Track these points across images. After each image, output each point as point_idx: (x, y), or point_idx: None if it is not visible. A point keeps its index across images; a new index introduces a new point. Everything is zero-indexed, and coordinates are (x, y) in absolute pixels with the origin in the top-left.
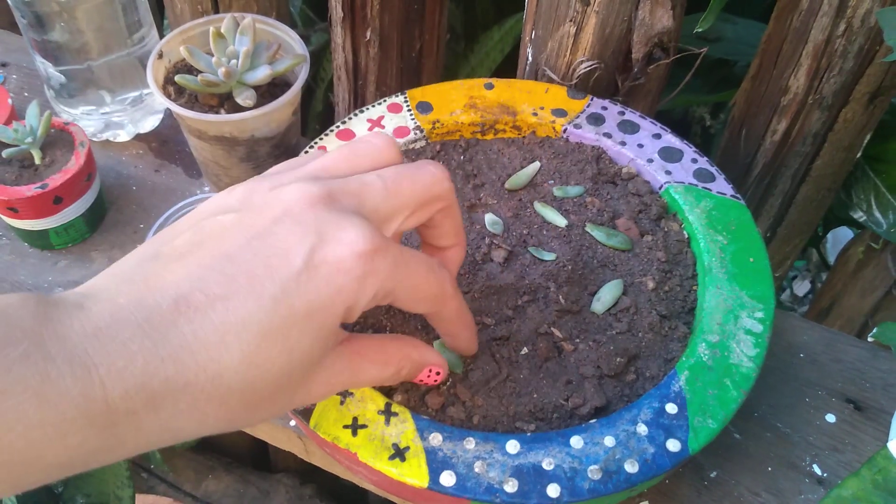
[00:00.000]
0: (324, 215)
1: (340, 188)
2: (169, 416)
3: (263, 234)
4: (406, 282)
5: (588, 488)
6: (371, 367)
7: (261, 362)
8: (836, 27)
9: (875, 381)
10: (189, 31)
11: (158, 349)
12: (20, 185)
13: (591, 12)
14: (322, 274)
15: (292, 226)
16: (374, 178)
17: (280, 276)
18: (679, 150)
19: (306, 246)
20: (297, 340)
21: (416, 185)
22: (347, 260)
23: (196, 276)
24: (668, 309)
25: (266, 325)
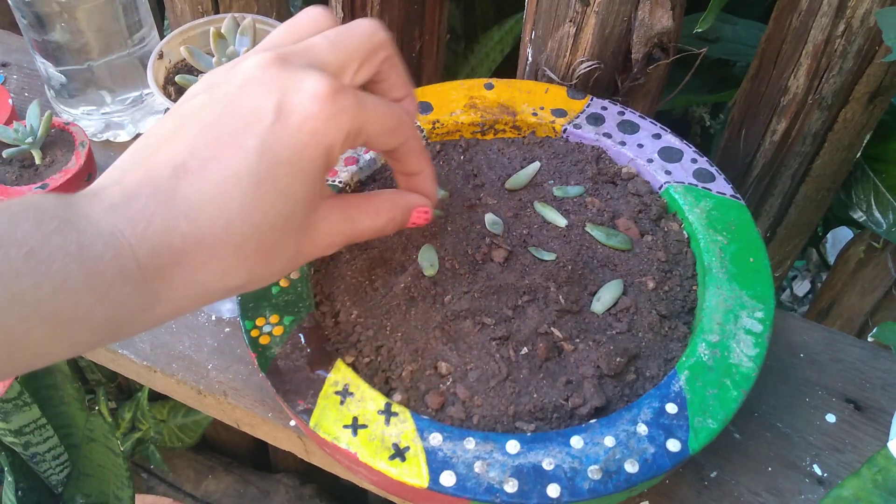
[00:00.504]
0: (281, 72)
1: (290, 51)
2: (193, 269)
3: (234, 100)
4: (372, 115)
5: (588, 488)
6: (365, 217)
7: (262, 206)
8: (836, 27)
9: (875, 380)
10: (189, 32)
11: (171, 210)
12: (20, 185)
13: (590, 12)
14: (293, 121)
15: (256, 87)
16: (318, 38)
17: (258, 130)
18: (679, 150)
19: (273, 100)
20: (288, 184)
21: (357, 38)
22: (313, 104)
23: (186, 146)
24: (668, 309)
25: (257, 173)
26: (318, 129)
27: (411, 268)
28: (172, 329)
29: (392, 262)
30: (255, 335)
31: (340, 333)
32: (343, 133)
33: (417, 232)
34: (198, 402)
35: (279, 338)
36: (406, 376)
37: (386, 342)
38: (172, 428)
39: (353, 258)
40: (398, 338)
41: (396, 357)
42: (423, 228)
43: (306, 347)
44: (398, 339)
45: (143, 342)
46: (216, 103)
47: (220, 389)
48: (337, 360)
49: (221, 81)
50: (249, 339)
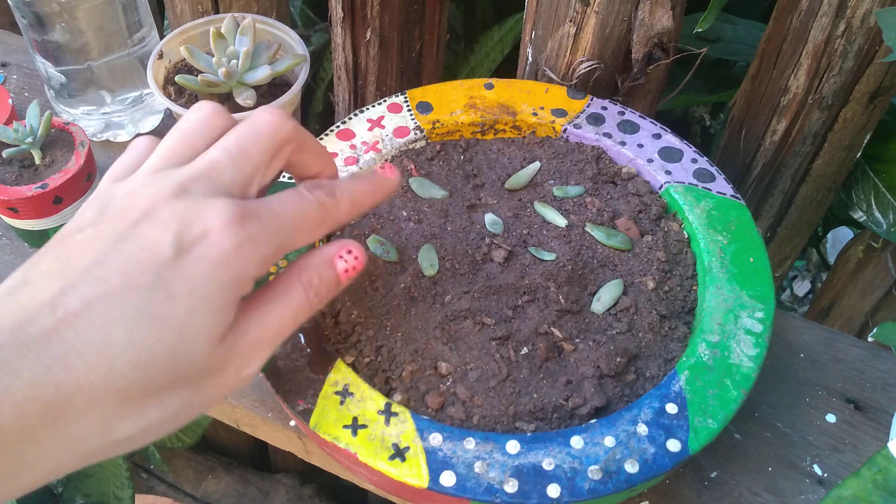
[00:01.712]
0: (181, 205)
1: (189, 175)
2: (68, 424)
3: (126, 237)
4: (289, 228)
5: (588, 488)
6: (275, 305)
7: (151, 344)
8: (836, 27)
9: (875, 380)
10: (189, 32)
11: (44, 359)
12: (20, 185)
13: (590, 12)
14: (195, 254)
15: (153, 222)
16: (218, 152)
17: (153, 266)
18: (679, 150)
19: (171, 234)
20: (185, 318)
21: (260, 143)
22: (216, 235)
23: (69, 285)
24: (668, 309)
25: (148, 310)
26: (223, 260)
27: (411, 268)
28: None
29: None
30: None
31: (340, 333)
32: (255, 259)
33: (417, 232)
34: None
35: None
36: (406, 376)
37: (386, 342)
38: None
39: None
40: (398, 338)
41: (396, 357)
42: (423, 229)
43: (306, 347)
44: (398, 339)
45: None
46: (106, 240)
47: None
48: (337, 360)
49: (114, 214)
50: None
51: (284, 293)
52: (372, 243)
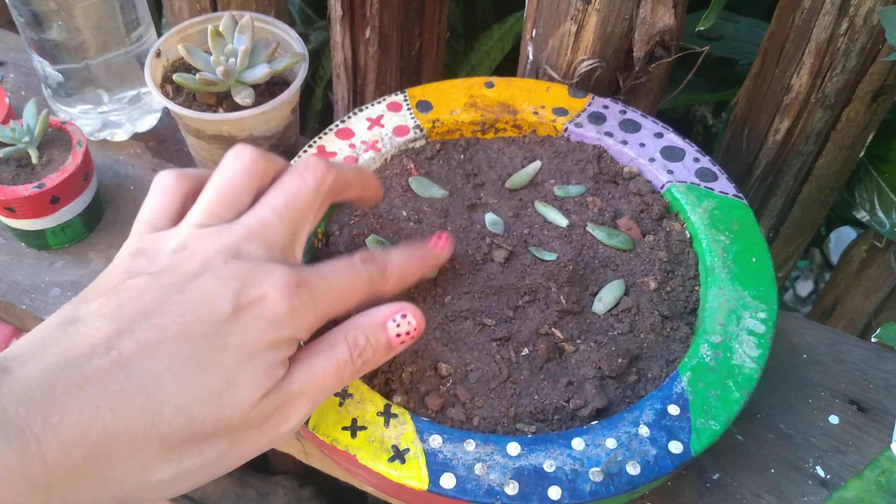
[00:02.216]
0: (240, 265)
1: (244, 236)
2: (111, 465)
3: (185, 289)
4: (338, 299)
5: (589, 490)
6: (318, 360)
7: (198, 392)
8: (839, 26)
9: (878, 382)
10: (187, 30)
11: (94, 399)
12: (17, 185)
13: (592, 10)
14: (252, 313)
15: (212, 278)
16: (267, 212)
17: (210, 320)
18: (681, 150)
19: (231, 292)
20: (233, 371)
21: (307, 200)
22: (273, 299)
23: (125, 329)
24: (670, 309)
25: (200, 360)
26: (276, 320)
27: None
28: None
29: None
30: None
31: None
32: (305, 324)
33: (417, 232)
34: None
35: None
36: (406, 378)
37: None
38: None
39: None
40: None
41: (396, 358)
42: (423, 229)
43: None
44: None
45: None
46: (163, 289)
47: None
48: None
49: (171, 265)
50: None
51: (329, 350)
52: (371, 243)
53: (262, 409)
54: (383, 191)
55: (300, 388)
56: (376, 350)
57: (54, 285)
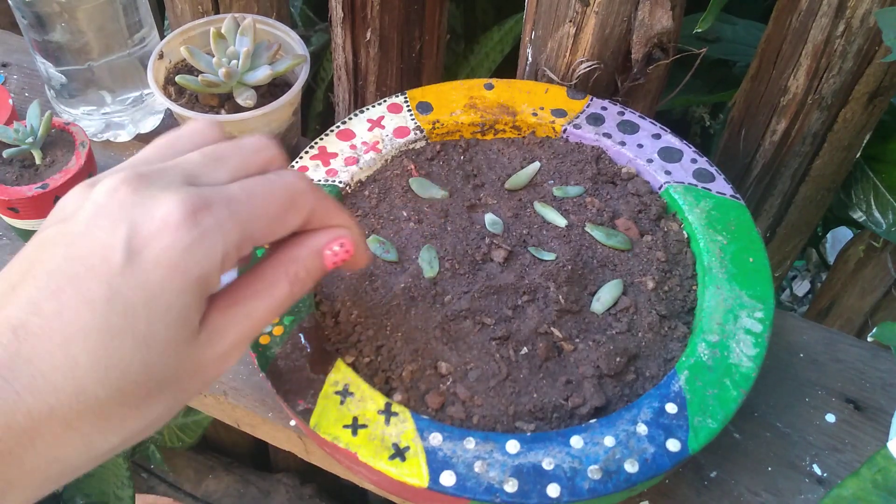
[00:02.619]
0: (132, 198)
1: (151, 169)
2: (48, 446)
3: (77, 239)
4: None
5: (588, 488)
6: (257, 302)
7: (117, 362)
8: (836, 27)
9: (875, 380)
10: (189, 32)
11: (12, 384)
12: (21, 185)
13: (590, 13)
14: (147, 258)
15: (103, 221)
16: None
17: (103, 274)
18: (678, 150)
19: (120, 237)
20: (147, 329)
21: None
22: (168, 234)
23: (27, 301)
24: (668, 309)
25: (107, 325)
26: (176, 263)
27: (411, 268)
28: None
29: (392, 262)
30: None
31: (340, 333)
32: (216, 256)
33: (417, 232)
34: (198, 401)
35: (279, 338)
36: (406, 376)
37: (386, 342)
38: (173, 428)
39: None
40: (398, 338)
41: (396, 357)
42: (423, 229)
43: (306, 347)
44: (398, 339)
45: None
46: (61, 242)
47: (220, 389)
48: (337, 359)
49: (73, 210)
50: None
51: (269, 289)
52: (372, 243)
53: (192, 359)
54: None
55: (238, 333)
56: (313, 277)
57: None
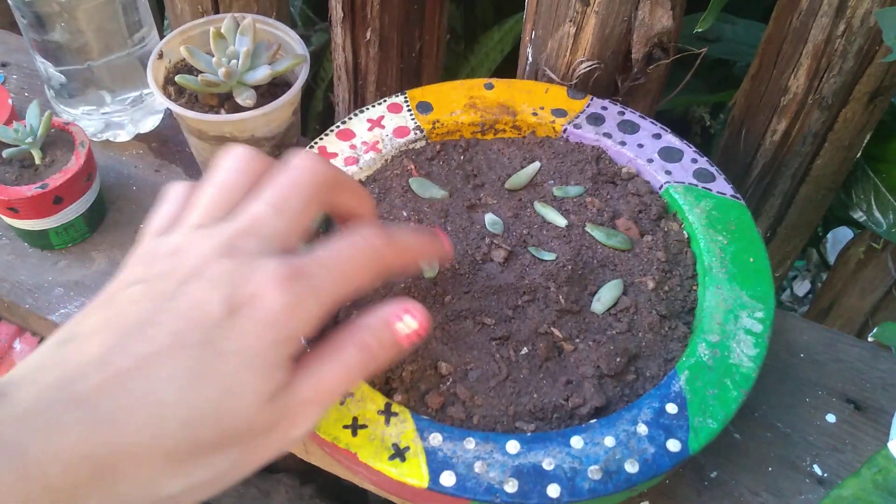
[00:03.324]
0: (230, 264)
1: (235, 231)
2: (115, 482)
3: (176, 296)
4: (343, 282)
5: (588, 488)
6: (327, 365)
7: (199, 405)
8: (836, 27)
9: (875, 380)
10: (189, 32)
11: (93, 416)
12: (20, 185)
13: (590, 12)
14: (244, 315)
15: (203, 282)
16: (260, 206)
17: (203, 326)
18: (679, 150)
19: (220, 295)
20: (233, 378)
21: (299, 191)
22: (266, 296)
23: (118, 343)
24: (668, 309)
25: (197, 370)
26: (272, 320)
27: None
28: None
29: None
30: None
31: None
32: (307, 318)
33: None
34: None
35: None
36: (406, 376)
37: None
38: None
39: None
40: None
41: None
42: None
43: (306, 348)
44: None
45: None
46: (155, 298)
47: None
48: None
49: (163, 272)
50: None
51: (338, 352)
52: None
53: (267, 416)
54: (377, 209)
55: (308, 395)
56: (384, 350)
57: (57, 285)
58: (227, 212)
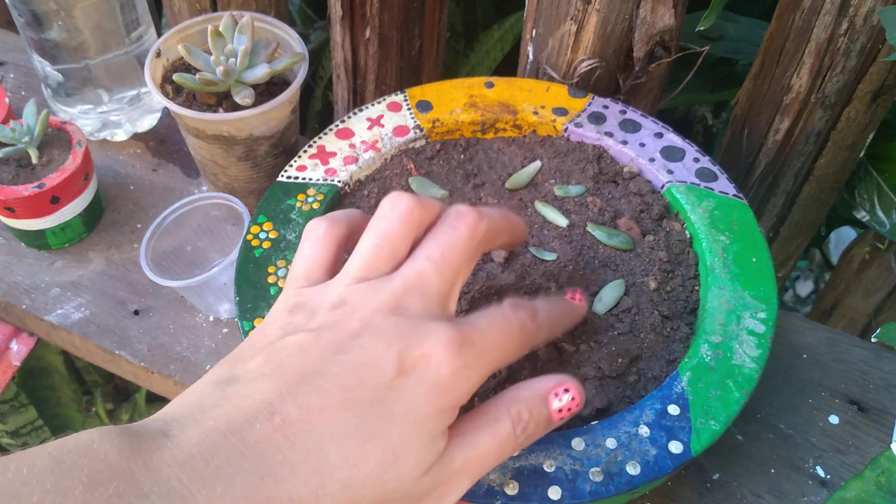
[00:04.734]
0: (401, 323)
1: (403, 290)
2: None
3: (346, 349)
4: (497, 355)
5: (589, 490)
6: (481, 435)
7: (363, 465)
8: (839, 26)
9: (878, 382)
10: (187, 30)
11: (258, 468)
12: (17, 185)
13: (592, 10)
14: (416, 376)
15: (374, 337)
16: (424, 263)
17: (374, 384)
18: (681, 150)
19: (394, 353)
20: (399, 441)
21: (462, 249)
22: (437, 360)
23: (287, 391)
24: (670, 309)
25: (364, 429)
26: (440, 384)
27: None
28: (170, 330)
29: None
30: None
31: None
32: (468, 388)
33: None
34: None
35: None
36: None
37: None
38: None
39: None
40: None
41: None
42: None
43: None
44: None
45: (141, 343)
46: (324, 348)
47: None
48: None
49: (331, 322)
50: None
51: (493, 424)
52: None
53: (423, 484)
54: (528, 231)
55: (461, 465)
56: (538, 425)
57: (54, 285)
58: (389, 264)
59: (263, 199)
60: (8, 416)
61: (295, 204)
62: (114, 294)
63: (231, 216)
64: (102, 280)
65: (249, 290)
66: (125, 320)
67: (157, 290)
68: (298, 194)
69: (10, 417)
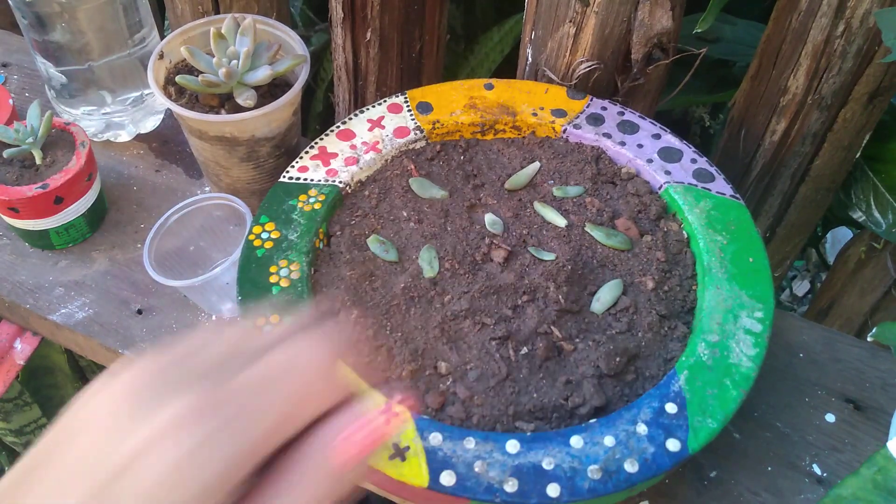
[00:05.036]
0: (138, 400)
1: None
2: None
3: (78, 439)
4: (272, 414)
5: (588, 488)
6: (289, 496)
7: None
8: (835, 28)
9: (874, 380)
10: (190, 32)
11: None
12: (21, 186)
13: (590, 13)
14: (135, 472)
15: (98, 427)
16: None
17: (89, 487)
18: (678, 151)
19: (113, 443)
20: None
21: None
22: (164, 439)
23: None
24: (668, 309)
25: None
26: (166, 479)
27: (411, 268)
28: (172, 328)
29: (392, 262)
30: None
31: None
32: (220, 466)
33: (417, 232)
34: None
35: None
36: (406, 376)
37: (386, 342)
38: None
39: (353, 258)
40: (398, 338)
41: (396, 357)
42: (423, 229)
43: None
44: (398, 339)
45: (143, 342)
46: (63, 442)
47: None
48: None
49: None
50: None
51: (300, 476)
52: (372, 243)
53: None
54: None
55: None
56: (358, 455)
57: (58, 285)
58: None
59: (265, 199)
60: (12, 414)
61: (297, 204)
62: (117, 293)
63: (233, 216)
64: (106, 280)
65: (252, 290)
66: (128, 319)
67: (161, 290)
68: (300, 195)
69: (14, 416)
